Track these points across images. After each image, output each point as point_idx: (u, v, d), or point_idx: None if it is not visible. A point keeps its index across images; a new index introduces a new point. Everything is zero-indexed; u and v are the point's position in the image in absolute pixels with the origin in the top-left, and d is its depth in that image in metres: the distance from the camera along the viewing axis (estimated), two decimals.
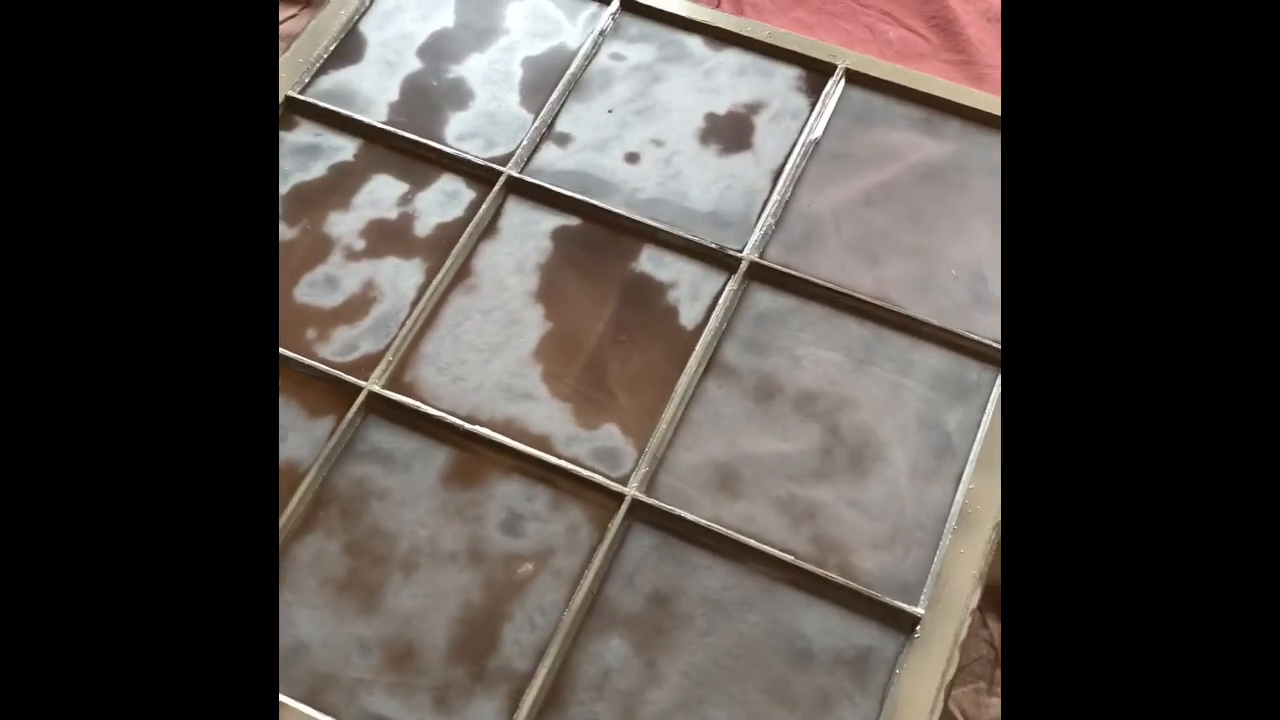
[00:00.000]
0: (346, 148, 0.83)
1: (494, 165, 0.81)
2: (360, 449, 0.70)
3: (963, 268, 0.77)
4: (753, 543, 0.66)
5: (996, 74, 0.88)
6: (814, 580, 0.65)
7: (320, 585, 0.65)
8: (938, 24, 0.92)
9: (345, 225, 0.79)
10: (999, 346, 0.72)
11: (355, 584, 0.65)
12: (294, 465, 0.69)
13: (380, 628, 0.64)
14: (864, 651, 0.63)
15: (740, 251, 0.76)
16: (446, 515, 0.68)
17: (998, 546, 0.66)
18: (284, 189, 0.81)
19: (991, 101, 0.83)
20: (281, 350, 0.73)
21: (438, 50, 0.88)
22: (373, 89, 0.85)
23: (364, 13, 0.89)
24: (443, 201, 0.80)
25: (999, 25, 0.90)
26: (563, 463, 0.69)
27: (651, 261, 0.77)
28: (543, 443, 0.70)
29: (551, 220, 0.79)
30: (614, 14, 0.88)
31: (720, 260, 0.77)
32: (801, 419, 0.71)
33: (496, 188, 0.80)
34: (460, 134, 0.83)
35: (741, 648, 0.63)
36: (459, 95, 0.85)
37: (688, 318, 0.75)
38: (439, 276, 0.76)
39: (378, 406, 0.71)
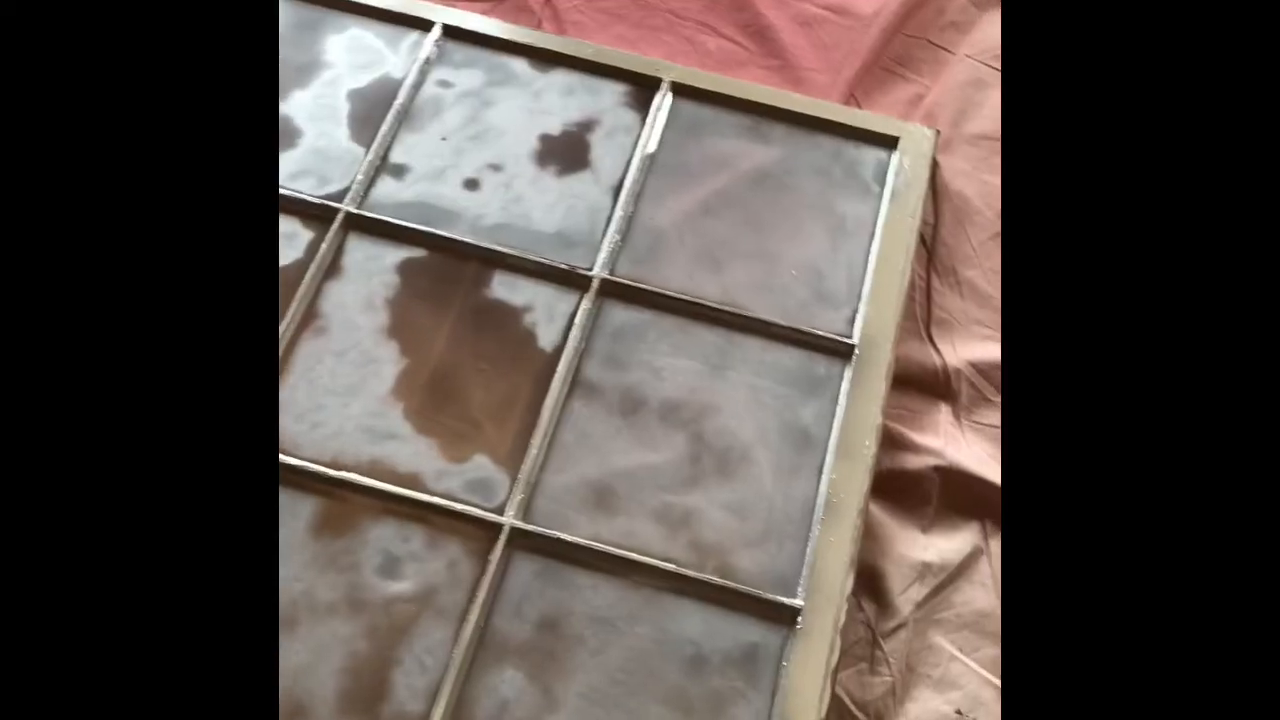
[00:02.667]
0: None
1: (330, 203, 0.79)
2: None
3: (801, 267, 0.80)
4: (634, 556, 0.67)
5: (814, 76, 0.92)
6: (696, 585, 0.67)
7: None
8: (753, 31, 0.95)
9: None
10: (843, 339, 0.76)
11: None
12: None
13: None
14: (751, 649, 0.65)
15: (590, 270, 0.77)
16: (320, 567, 0.66)
17: (863, 531, 0.69)
18: None
19: (812, 104, 0.87)
20: None
21: None
22: None
23: None
24: (281, 244, 0.78)
25: (812, 29, 0.94)
26: (435, 499, 0.68)
27: (504, 287, 0.77)
28: (412, 481, 0.69)
29: (396, 254, 0.78)
30: (437, 40, 0.88)
31: (572, 280, 0.77)
32: (667, 429, 0.72)
33: (335, 225, 0.78)
34: (291, 173, 0.81)
35: (634, 661, 0.65)
36: (286, 133, 0.83)
37: (546, 340, 0.75)
38: (285, 321, 0.74)
39: None
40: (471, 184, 0.82)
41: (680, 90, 0.87)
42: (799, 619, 0.66)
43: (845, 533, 0.68)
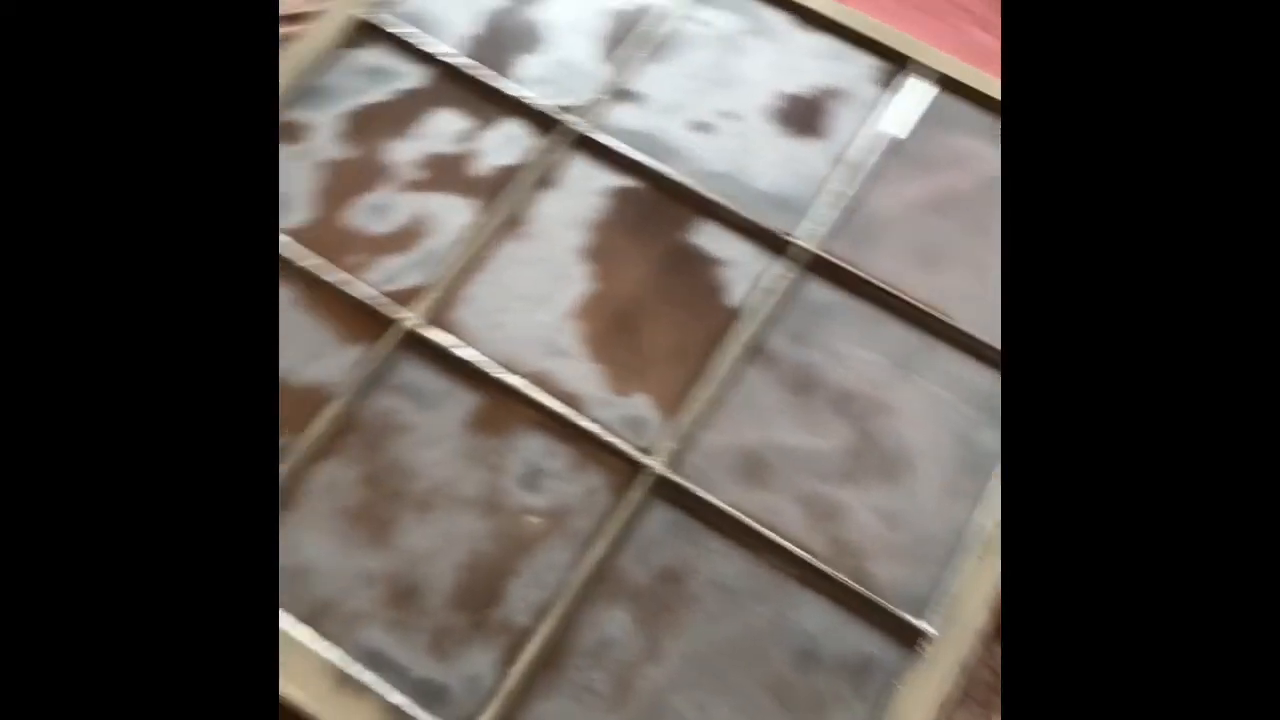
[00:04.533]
0: (414, 75, 0.81)
1: (562, 115, 0.79)
2: (391, 382, 0.69)
3: None
4: (771, 535, 0.65)
5: None
6: (827, 581, 0.64)
7: (333, 513, 0.65)
8: None
9: (402, 154, 0.78)
10: None
11: (368, 516, 0.65)
12: (321, 388, 0.68)
13: (387, 563, 0.64)
14: (866, 659, 0.63)
15: (798, 238, 0.75)
16: (468, 460, 0.67)
17: None
18: (344, 108, 0.79)
19: None
20: (323, 274, 0.72)
21: None
22: (449, 19, 0.84)
23: None
24: (504, 144, 0.79)
25: None
26: (590, 425, 0.68)
27: (706, 235, 0.76)
28: (572, 401, 0.69)
29: (612, 179, 0.78)
30: None
31: (777, 244, 0.75)
32: (836, 417, 0.70)
33: (561, 138, 0.78)
34: (532, 78, 0.81)
35: (746, 638, 0.63)
36: (537, 39, 0.83)
37: (735, 297, 0.73)
38: (491, 220, 0.75)
39: (413, 342, 0.70)
40: (702, 127, 0.80)
41: (934, 78, 0.83)
42: (923, 643, 0.62)
43: (994, 569, 0.64)
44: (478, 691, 0.60)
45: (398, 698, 0.60)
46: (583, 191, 0.77)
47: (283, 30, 0.85)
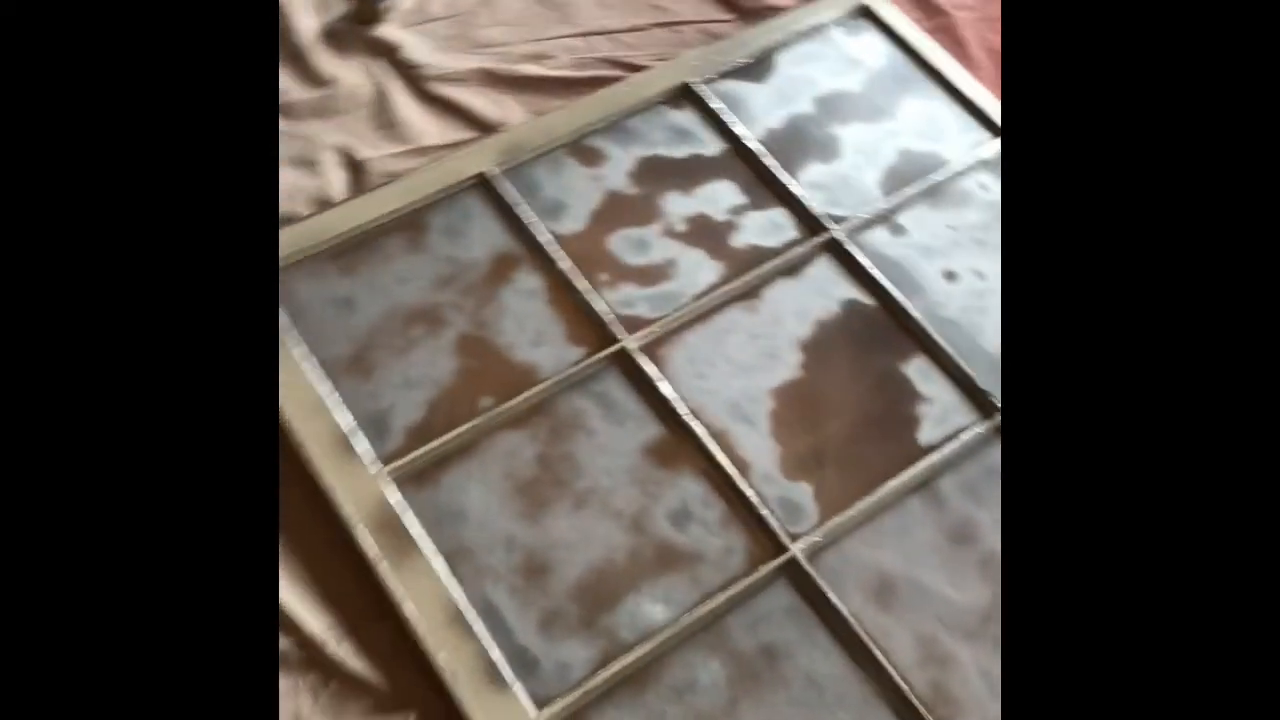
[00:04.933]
0: (711, 144, 0.89)
1: (827, 221, 0.85)
2: (593, 387, 0.75)
3: None
4: (878, 655, 0.66)
5: None
6: (914, 718, 0.65)
7: (503, 475, 0.71)
8: None
9: (677, 206, 0.85)
10: None
11: (530, 491, 0.71)
12: (533, 369, 0.76)
13: (531, 536, 0.69)
14: None
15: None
16: (631, 479, 0.72)
17: None
18: (642, 152, 0.88)
19: None
20: (572, 279, 0.79)
21: (831, 105, 0.93)
22: (759, 110, 0.92)
23: (786, 45, 0.96)
24: (767, 228, 0.85)
25: None
26: (749, 492, 0.72)
27: (919, 371, 0.79)
28: (743, 467, 0.73)
29: (850, 291, 0.83)
30: (999, 151, 0.91)
31: (982, 403, 0.77)
32: (980, 577, 0.71)
33: (818, 240, 0.84)
34: (812, 182, 0.88)
35: None
36: (828, 150, 0.90)
37: (926, 436, 0.76)
38: (730, 286, 0.81)
39: (624, 362, 0.77)
40: (950, 275, 0.84)
41: None
42: None
43: None
44: (565, 679, 0.64)
45: (496, 654, 0.64)
46: (821, 292, 0.82)
47: (613, 74, 0.95)
